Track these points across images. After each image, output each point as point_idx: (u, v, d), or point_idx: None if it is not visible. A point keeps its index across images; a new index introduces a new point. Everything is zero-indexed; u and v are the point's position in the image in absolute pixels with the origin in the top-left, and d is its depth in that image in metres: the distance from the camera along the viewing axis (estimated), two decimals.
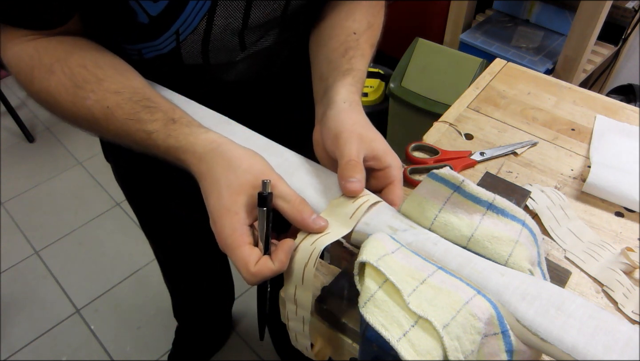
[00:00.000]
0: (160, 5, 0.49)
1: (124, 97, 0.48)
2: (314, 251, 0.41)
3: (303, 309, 0.45)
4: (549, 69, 1.53)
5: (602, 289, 0.56)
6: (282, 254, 0.41)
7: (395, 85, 1.61)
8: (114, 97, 0.47)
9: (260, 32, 0.59)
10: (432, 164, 0.71)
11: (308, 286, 0.42)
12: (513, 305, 0.36)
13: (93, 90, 0.48)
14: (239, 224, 0.41)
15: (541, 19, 1.68)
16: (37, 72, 0.49)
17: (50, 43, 0.49)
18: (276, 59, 0.66)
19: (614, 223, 0.64)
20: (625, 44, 1.66)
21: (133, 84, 0.49)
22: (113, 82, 0.48)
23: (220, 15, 0.53)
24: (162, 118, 0.47)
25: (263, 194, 0.41)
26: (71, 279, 1.65)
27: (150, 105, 0.47)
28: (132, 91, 0.48)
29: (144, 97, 0.48)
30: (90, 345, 1.48)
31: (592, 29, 1.37)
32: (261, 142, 0.53)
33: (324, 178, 0.48)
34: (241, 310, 1.52)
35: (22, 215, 1.86)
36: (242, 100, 0.68)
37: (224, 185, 0.42)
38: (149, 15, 0.50)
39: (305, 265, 0.42)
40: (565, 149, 0.74)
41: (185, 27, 0.53)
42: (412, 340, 0.34)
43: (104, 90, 0.48)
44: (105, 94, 0.48)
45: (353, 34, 0.58)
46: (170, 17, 0.51)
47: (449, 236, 0.42)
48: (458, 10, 1.66)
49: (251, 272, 0.40)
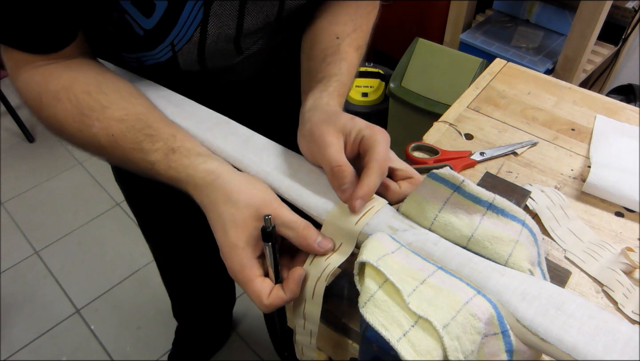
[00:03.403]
0: (153, 20, 0.50)
1: (128, 125, 0.49)
2: (327, 268, 0.42)
3: (311, 323, 0.45)
4: (549, 69, 1.53)
5: (602, 289, 0.56)
6: (293, 284, 0.42)
7: (395, 85, 1.61)
8: (118, 125, 0.48)
9: (255, 37, 0.59)
10: (432, 164, 0.71)
11: (318, 301, 0.43)
12: (513, 305, 0.36)
13: (98, 118, 0.49)
14: (247, 259, 0.42)
15: (541, 19, 1.68)
16: (44, 99, 0.50)
17: (56, 69, 0.50)
18: (274, 60, 0.66)
19: (614, 223, 0.64)
20: (625, 44, 1.66)
21: (136, 110, 0.50)
22: (117, 108, 0.49)
23: (213, 25, 0.53)
24: (163, 148, 0.48)
25: (266, 230, 0.41)
26: (71, 279, 1.65)
27: (152, 133, 0.48)
28: (135, 118, 0.49)
29: (146, 125, 0.49)
30: (90, 345, 1.48)
31: (592, 29, 1.37)
32: (261, 142, 0.53)
33: (324, 178, 0.48)
34: (242, 310, 1.52)
35: (22, 215, 1.86)
36: (242, 100, 0.68)
37: (228, 220, 0.43)
38: (143, 29, 0.51)
39: (317, 280, 0.42)
40: (565, 149, 0.74)
41: (180, 39, 0.53)
42: (412, 340, 0.34)
43: (108, 118, 0.49)
44: (109, 122, 0.49)
45: (336, 38, 0.58)
46: (164, 29, 0.52)
47: (449, 236, 0.42)
48: (458, 10, 1.66)
49: (265, 304, 0.42)
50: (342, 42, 0.58)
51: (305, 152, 0.49)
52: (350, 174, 0.44)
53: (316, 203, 0.46)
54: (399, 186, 0.47)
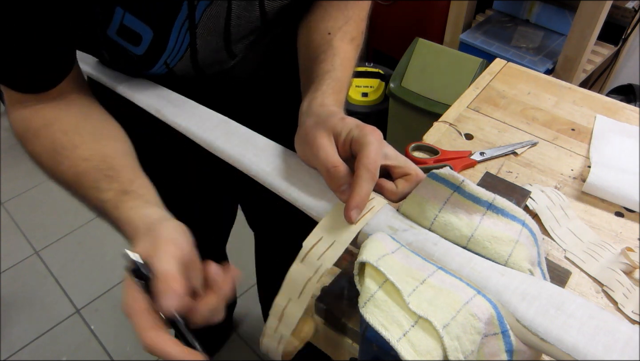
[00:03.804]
0: (142, 48, 0.53)
1: (92, 164, 0.49)
2: (321, 268, 0.40)
3: (285, 327, 0.42)
4: (549, 69, 1.53)
5: (602, 289, 0.56)
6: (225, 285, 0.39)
7: (395, 85, 1.61)
8: (83, 163, 0.50)
9: (246, 41, 0.60)
10: (432, 164, 0.71)
11: (303, 302, 0.40)
12: (513, 305, 0.36)
13: (68, 156, 0.50)
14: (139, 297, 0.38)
15: (541, 19, 1.68)
16: (28, 135, 0.53)
17: (43, 108, 0.53)
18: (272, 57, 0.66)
19: (614, 223, 0.64)
20: (625, 44, 1.66)
21: (104, 152, 0.51)
22: (86, 148, 0.50)
23: (202, 43, 0.55)
24: (117, 188, 0.47)
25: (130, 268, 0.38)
26: (71, 279, 1.65)
27: (111, 175, 0.49)
28: (101, 158, 0.50)
29: (109, 166, 0.49)
30: (90, 345, 1.48)
31: (592, 29, 1.37)
32: (261, 142, 0.53)
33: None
34: (242, 310, 1.52)
35: (22, 215, 1.86)
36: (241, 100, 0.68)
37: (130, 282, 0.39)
38: (135, 54, 0.54)
39: (308, 280, 0.40)
40: (565, 149, 0.74)
41: (172, 58, 0.56)
42: (412, 340, 0.34)
43: (76, 157, 0.50)
44: (77, 160, 0.50)
45: (327, 34, 0.58)
46: (154, 54, 0.54)
47: (448, 236, 0.42)
48: (458, 10, 1.66)
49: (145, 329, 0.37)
50: (334, 37, 0.57)
51: (301, 155, 0.49)
52: (346, 174, 0.43)
53: (316, 203, 0.46)
54: (396, 185, 0.46)
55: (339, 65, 0.55)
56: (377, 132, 0.44)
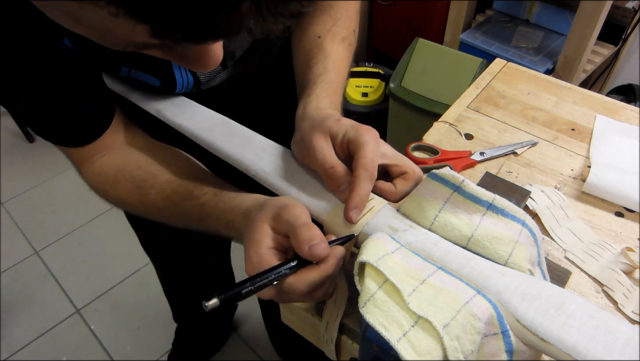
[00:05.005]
0: (157, 82, 0.57)
1: (177, 183, 0.53)
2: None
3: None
4: (549, 69, 1.53)
5: (602, 289, 0.56)
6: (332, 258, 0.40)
7: (395, 85, 1.61)
8: (169, 186, 0.53)
9: (239, 52, 0.62)
10: (432, 164, 0.71)
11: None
12: (513, 305, 0.36)
13: (152, 185, 0.53)
14: (264, 249, 0.40)
15: (541, 19, 1.68)
16: (107, 186, 0.56)
17: (109, 158, 0.56)
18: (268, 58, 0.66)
19: (614, 223, 0.64)
20: (625, 44, 1.66)
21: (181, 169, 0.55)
22: (165, 173, 0.54)
23: (204, 76, 0.60)
24: (211, 191, 0.50)
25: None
26: (71, 279, 1.65)
27: (198, 183, 0.52)
28: (182, 176, 0.54)
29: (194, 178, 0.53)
30: (90, 345, 1.48)
31: (592, 29, 1.37)
32: (261, 142, 0.53)
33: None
34: (242, 311, 1.52)
35: (22, 215, 1.86)
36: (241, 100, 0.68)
37: (255, 220, 0.42)
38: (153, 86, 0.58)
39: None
40: (565, 149, 0.74)
41: (183, 92, 0.60)
42: (412, 340, 0.34)
43: (160, 183, 0.53)
44: (162, 186, 0.53)
45: (317, 38, 0.58)
46: (167, 89, 0.59)
47: (449, 236, 0.42)
48: (458, 10, 1.66)
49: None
50: (324, 40, 0.58)
51: (299, 159, 0.49)
52: (345, 174, 0.43)
53: (316, 203, 0.46)
54: (395, 185, 0.46)
55: (331, 67, 0.55)
56: (373, 132, 0.44)
